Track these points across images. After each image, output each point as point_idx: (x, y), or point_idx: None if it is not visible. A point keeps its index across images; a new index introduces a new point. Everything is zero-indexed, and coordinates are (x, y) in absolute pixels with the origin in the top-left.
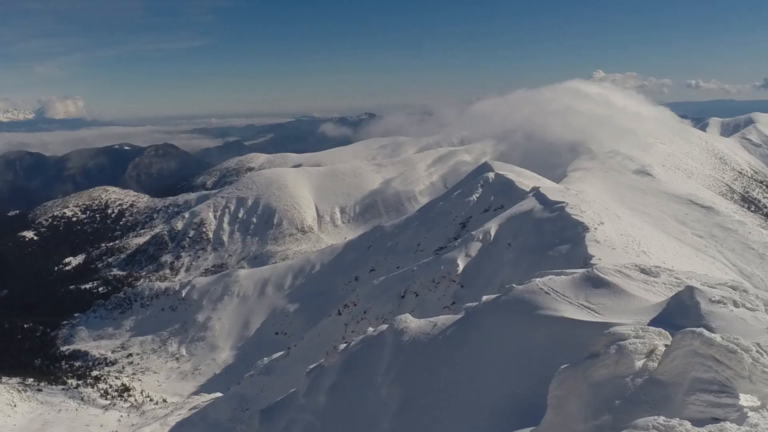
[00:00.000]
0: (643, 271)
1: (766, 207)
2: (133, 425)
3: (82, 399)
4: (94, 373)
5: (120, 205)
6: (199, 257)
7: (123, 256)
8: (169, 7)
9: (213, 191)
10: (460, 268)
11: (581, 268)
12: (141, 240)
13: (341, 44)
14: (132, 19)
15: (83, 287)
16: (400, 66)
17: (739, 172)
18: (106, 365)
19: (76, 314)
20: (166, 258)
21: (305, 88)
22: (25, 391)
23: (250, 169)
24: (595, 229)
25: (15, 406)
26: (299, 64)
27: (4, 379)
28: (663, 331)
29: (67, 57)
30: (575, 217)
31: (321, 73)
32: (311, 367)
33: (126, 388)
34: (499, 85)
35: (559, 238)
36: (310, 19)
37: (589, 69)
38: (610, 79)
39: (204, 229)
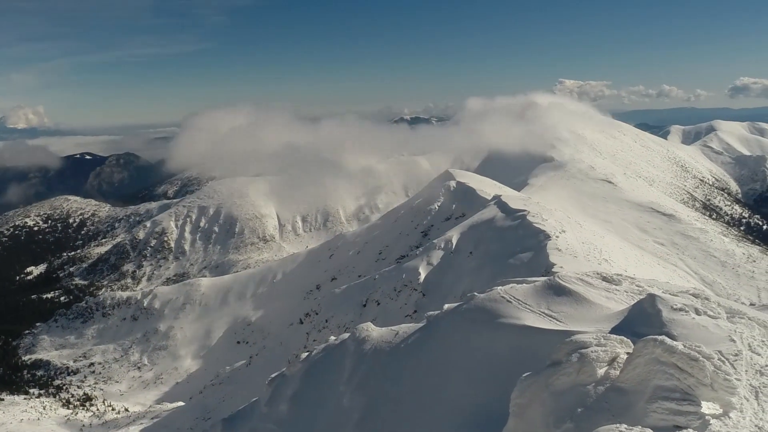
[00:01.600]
0: (604, 279)
1: (727, 215)
2: None
3: (44, 408)
4: (56, 382)
5: (81, 214)
6: (160, 266)
7: (85, 265)
8: (131, 19)
9: (174, 200)
10: (422, 276)
11: (543, 276)
12: (103, 249)
13: (296, 56)
14: (92, 30)
15: (45, 296)
16: (368, 74)
17: (701, 180)
18: (68, 374)
19: (38, 323)
20: (128, 267)
21: (266, 97)
22: None
23: (212, 179)
24: (557, 237)
25: None
26: (258, 75)
27: None
28: (625, 339)
29: (30, 66)
30: (537, 226)
31: (280, 82)
32: (273, 375)
33: (88, 398)
34: (478, 90)
35: (521, 246)
36: (270, 31)
37: (569, 76)
38: (580, 88)
39: (165, 239)
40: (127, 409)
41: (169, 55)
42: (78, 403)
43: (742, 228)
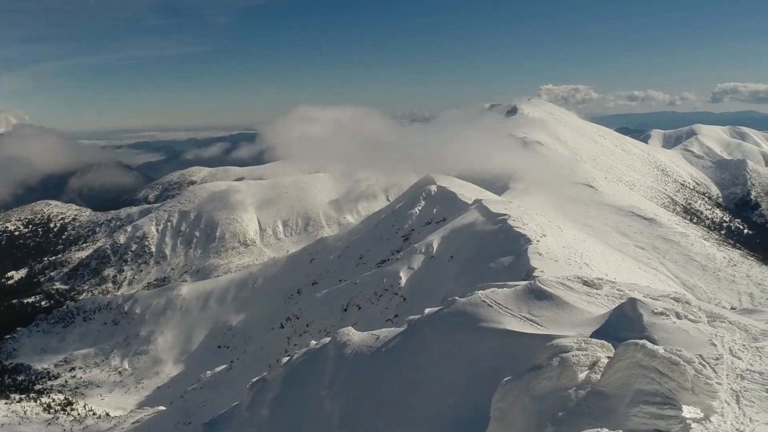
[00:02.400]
0: (585, 283)
1: (708, 219)
2: None
3: (25, 413)
4: (37, 387)
5: (62, 219)
6: (141, 271)
7: (65, 270)
8: (110, 22)
9: (155, 205)
10: (403, 281)
11: (524, 280)
12: (83, 254)
13: (280, 58)
14: (70, 34)
15: (26, 301)
16: (348, 81)
17: (681, 184)
18: (49, 379)
19: (18, 328)
20: (109, 272)
21: (248, 102)
22: None
23: (192, 183)
24: (538, 241)
25: None
26: (242, 78)
27: None
28: (606, 343)
29: (16, 69)
30: (517, 230)
31: (262, 87)
32: (254, 380)
33: (69, 402)
34: (472, 92)
35: (502, 250)
36: (250, 35)
37: (558, 80)
38: (566, 92)
39: (146, 243)
40: (108, 414)
41: (152, 59)
42: (59, 407)
43: (722, 232)
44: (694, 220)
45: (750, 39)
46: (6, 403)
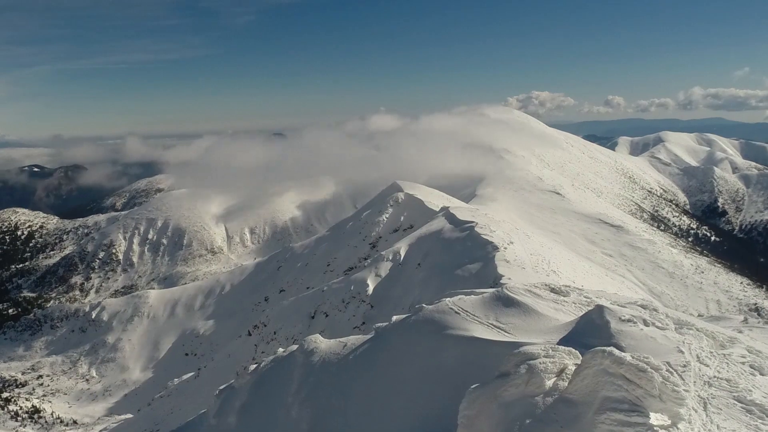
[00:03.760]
0: (552, 290)
1: (675, 226)
2: None
3: None
4: (5, 394)
5: (30, 226)
6: (109, 278)
7: (33, 277)
8: (76, 26)
9: (123, 212)
10: (370, 288)
11: (491, 287)
12: (51, 261)
13: (240, 65)
14: (35, 38)
15: None
16: (321, 83)
17: (649, 191)
18: (17, 387)
19: None
20: (76, 279)
21: (213, 109)
22: None
23: (160, 190)
24: (505, 248)
25: None
26: (201, 85)
27: None
28: (573, 350)
29: None
30: (485, 237)
31: (228, 92)
32: (221, 387)
33: (36, 410)
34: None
35: (469, 257)
36: (210, 39)
37: (541, 87)
38: (538, 99)
39: (114, 251)
40: (75, 421)
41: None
42: (26, 415)
43: (690, 239)
44: (662, 227)
45: (728, 45)
46: None
